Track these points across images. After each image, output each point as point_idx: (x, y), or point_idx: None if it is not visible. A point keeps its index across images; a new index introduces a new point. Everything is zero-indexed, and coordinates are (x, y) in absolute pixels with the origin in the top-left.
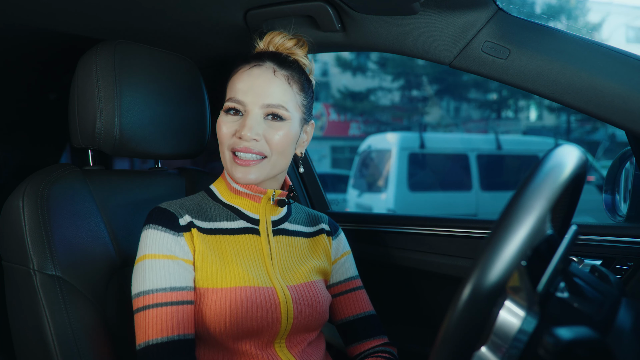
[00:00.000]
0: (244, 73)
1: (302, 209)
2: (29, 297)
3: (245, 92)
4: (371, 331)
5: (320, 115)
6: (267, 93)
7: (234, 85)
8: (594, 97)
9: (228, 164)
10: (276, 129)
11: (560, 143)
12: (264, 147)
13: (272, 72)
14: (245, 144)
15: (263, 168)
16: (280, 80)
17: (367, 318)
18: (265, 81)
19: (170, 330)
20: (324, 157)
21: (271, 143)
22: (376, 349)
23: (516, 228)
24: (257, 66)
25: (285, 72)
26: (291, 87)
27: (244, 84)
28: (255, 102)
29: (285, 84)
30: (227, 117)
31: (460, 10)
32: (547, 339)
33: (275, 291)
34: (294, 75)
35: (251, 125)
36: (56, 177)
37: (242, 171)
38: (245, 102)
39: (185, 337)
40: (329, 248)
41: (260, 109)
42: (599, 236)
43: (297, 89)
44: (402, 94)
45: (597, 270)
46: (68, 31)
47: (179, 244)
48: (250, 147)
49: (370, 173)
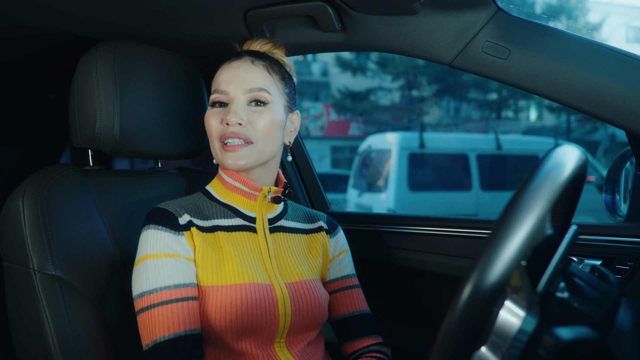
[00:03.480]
0: (225, 67)
1: (300, 208)
2: (29, 297)
3: (227, 81)
4: (365, 330)
5: (320, 115)
6: (248, 79)
7: (217, 79)
8: (594, 97)
9: (218, 153)
10: (260, 114)
11: (560, 143)
12: (249, 132)
13: (251, 62)
14: (231, 129)
15: (251, 153)
16: (259, 68)
17: (362, 317)
18: (245, 70)
19: (177, 327)
20: (324, 157)
21: (256, 128)
22: (370, 349)
23: (516, 228)
24: (236, 60)
25: (263, 62)
26: (271, 75)
27: (225, 75)
28: (238, 89)
29: (264, 71)
30: (213, 110)
31: (460, 10)
32: (547, 339)
33: (272, 288)
34: (272, 66)
35: (235, 110)
36: (56, 177)
37: (232, 157)
38: (228, 90)
39: (192, 332)
40: (327, 245)
41: (244, 95)
42: (599, 236)
43: (278, 78)
44: (402, 94)
45: (597, 270)
46: (68, 31)
47: (180, 242)
48: (236, 131)
49: (370, 173)
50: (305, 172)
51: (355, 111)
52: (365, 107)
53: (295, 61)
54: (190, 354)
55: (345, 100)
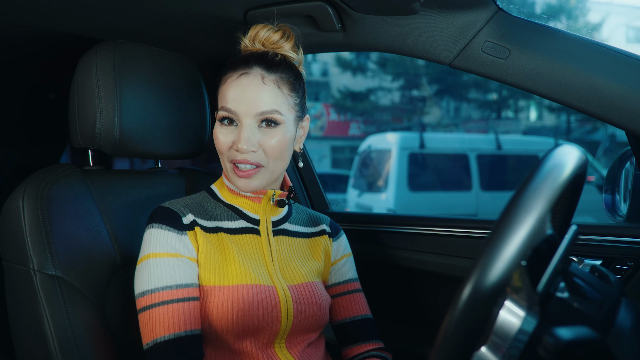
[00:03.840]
0: (233, 82)
1: (303, 210)
2: (29, 297)
3: (236, 101)
4: (365, 335)
5: (320, 115)
6: (259, 101)
7: (224, 94)
8: (594, 97)
9: (230, 174)
10: (271, 136)
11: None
12: (261, 158)
13: (261, 79)
14: (243, 155)
15: (263, 176)
16: (269, 87)
17: (362, 322)
18: (254, 90)
19: (178, 327)
20: (324, 157)
21: (267, 150)
22: (370, 353)
23: (516, 228)
24: (245, 74)
25: (273, 76)
26: (281, 91)
27: (233, 93)
28: (248, 112)
29: (275, 88)
30: (222, 127)
31: (460, 10)
32: (547, 339)
33: (275, 290)
34: (282, 78)
35: (247, 138)
36: (56, 177)
37: (244, 182)
38: (238, 112)
39: (193, 333)
40: (330, 249)
41: (253, 119)
42: (599, 236)
43: (288, 91)
44: (402, 94)
45: (597, 270)
46: (68, 31)
47: (183, 242)
48: (248, 158)
49: (370, 173)
50: (305, 172)
51: (355, 111)
52: (365, 107)
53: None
54: (189, 354)
55: (345, 100)
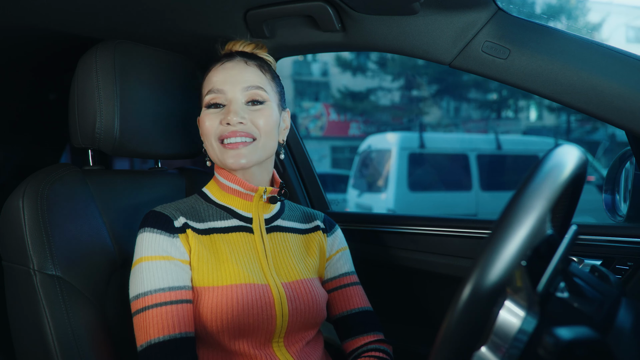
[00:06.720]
0: (218, 68)
1: (297, 208)
2: (29, 297)
3: (223, 81)
4: (365, 327)
5: (320, 115)
6: (244, 78)
7: (210, 79)
8: (594, 97)
9: (218, 153)
10: (259, 112)
11: (560, 143)
12: (251, 129)
13: (244, 62)
14: (232, 128)
15: (254, 150)
16: (253, 68)
17: (361, 314)
18: (239, 70)
19: (172, 329)
20: (324, 157)
21: (258, 125)
22: (370, 347)
23: (516, 228)
24: (228, 61)
25: (255, 62)
26: (264, 74)
27: (220, 76)
28: (235, 88)
29: (258, 70)
30: (209, 111)
31: (460, 10)
32: (547, 339)
33: (269, 288)
34: (263, 66)
35: (236, 110)
36: (56, 177)
37: (233, 155)
38: (225, 89)
39: (186, 335)
40: (324, 244)
41: (241, 94)
42: (599, 236)
43: (270, 77)
44: (402, 94)
45: (597, 270)
46: (68, 31)
47: (175, 245)
48: (238, 130)
49: (370, 173)
50: (305, 172)
51: (355, 111)
52: (365, 107)
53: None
54: (183, 356)
55: (345, 100)
